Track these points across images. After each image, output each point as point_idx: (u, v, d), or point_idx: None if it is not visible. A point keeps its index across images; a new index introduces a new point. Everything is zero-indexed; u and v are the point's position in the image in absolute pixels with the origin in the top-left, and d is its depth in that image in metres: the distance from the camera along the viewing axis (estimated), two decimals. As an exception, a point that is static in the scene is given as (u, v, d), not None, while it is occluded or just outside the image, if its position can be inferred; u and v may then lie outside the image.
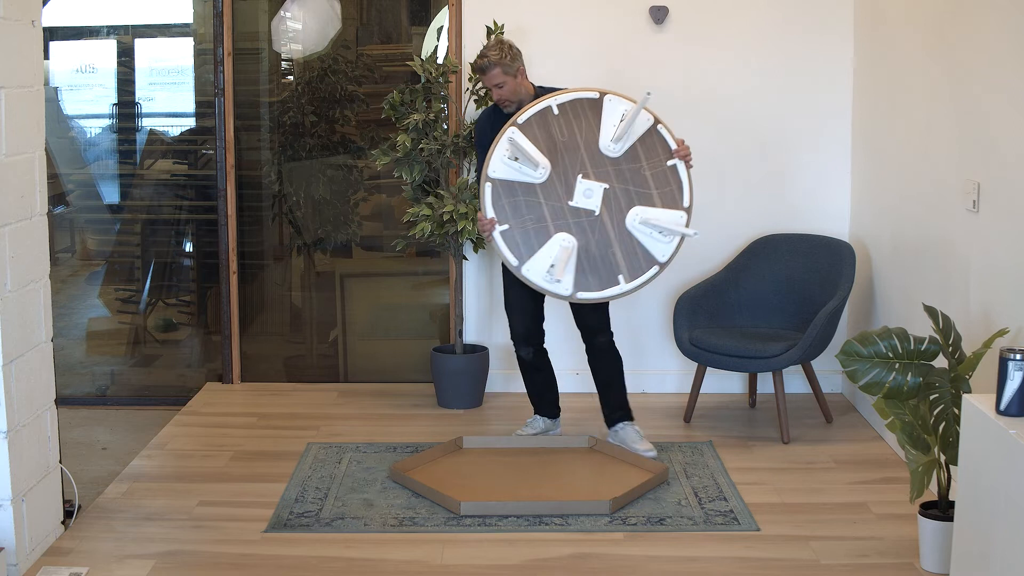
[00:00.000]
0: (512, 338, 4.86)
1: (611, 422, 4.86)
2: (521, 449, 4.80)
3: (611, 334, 4.83)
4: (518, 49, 4.67)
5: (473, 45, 5.46)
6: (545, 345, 4.91)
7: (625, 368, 4.86)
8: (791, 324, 5.28)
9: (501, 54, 4.60)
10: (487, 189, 4.48)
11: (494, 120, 4.69)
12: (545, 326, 4.88)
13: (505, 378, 5.73)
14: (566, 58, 5.60)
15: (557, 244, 4.47)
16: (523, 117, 4.49)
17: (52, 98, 6.17)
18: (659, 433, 5.08)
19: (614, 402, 4.86)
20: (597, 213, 4.47)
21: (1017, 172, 3.75)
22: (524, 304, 4.79)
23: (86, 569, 3.71)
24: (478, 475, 4.52)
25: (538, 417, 4.98)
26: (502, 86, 4.61)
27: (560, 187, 4.48)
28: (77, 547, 3.89)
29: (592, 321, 4.79)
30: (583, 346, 4.87)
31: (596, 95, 4.52)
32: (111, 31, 6.24)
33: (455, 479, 4.45)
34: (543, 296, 4.76)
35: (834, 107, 5.57)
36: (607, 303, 4.75)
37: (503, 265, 4.75)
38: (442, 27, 5.77)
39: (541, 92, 4.68)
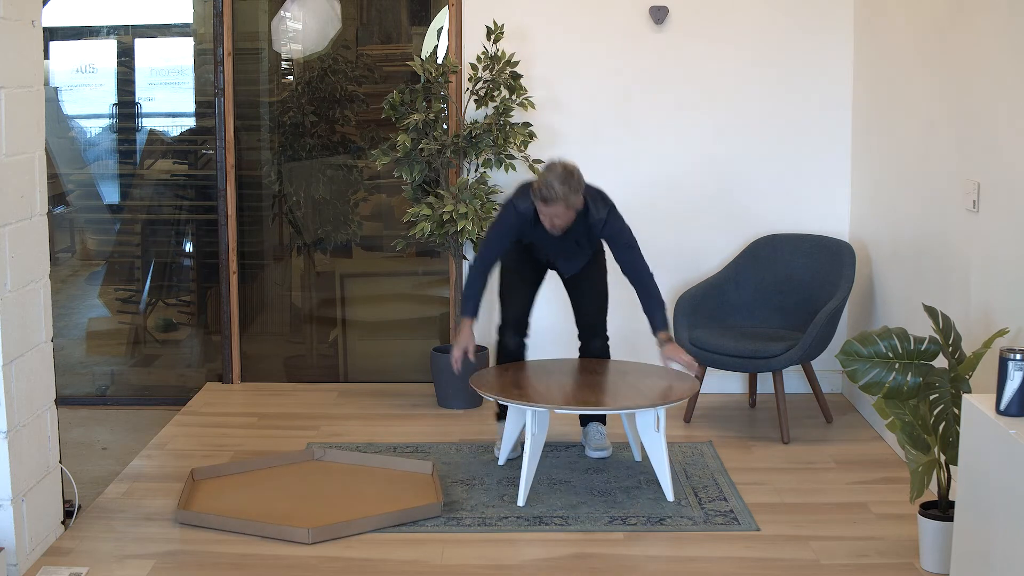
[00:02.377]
0: (501, 325, 4.74)
1: (584, 421, 4.84)
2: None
3: (607, 338, 4.82)
4: (580, 175, 4.30)
5: (473, 45, 5.46)
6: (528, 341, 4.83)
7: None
8: (791, 324, 5.28)
9: (568, 189, 4.23)
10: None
11: (525, 228, 4.44)
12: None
13: (505, 378, 5.72)
14: (566, 58, 5.60)
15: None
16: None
17: (52, 98, 6.17)
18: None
19: None
20: None
21: (1017, 172, 3.74)
22: (523, 290, 4.73)
23: (86, 569, 3.71)
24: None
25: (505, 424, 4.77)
26: (558, 216, 4.31)
27: None
28: (77, 547, 3.88)
29: (594, 320, 4.76)
30: (572, 345, 4.83)
31: None
32: (111, 31, 6.24)
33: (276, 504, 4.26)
34: (540, 285, 4.76)
35: (834, 107, 5.57)
36: (606, 303, 4.76)
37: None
38: (442, 27, 5.77)
39: (589, 197, 4.39)
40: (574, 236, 4.49)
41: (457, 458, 4.77)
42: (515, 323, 4.73)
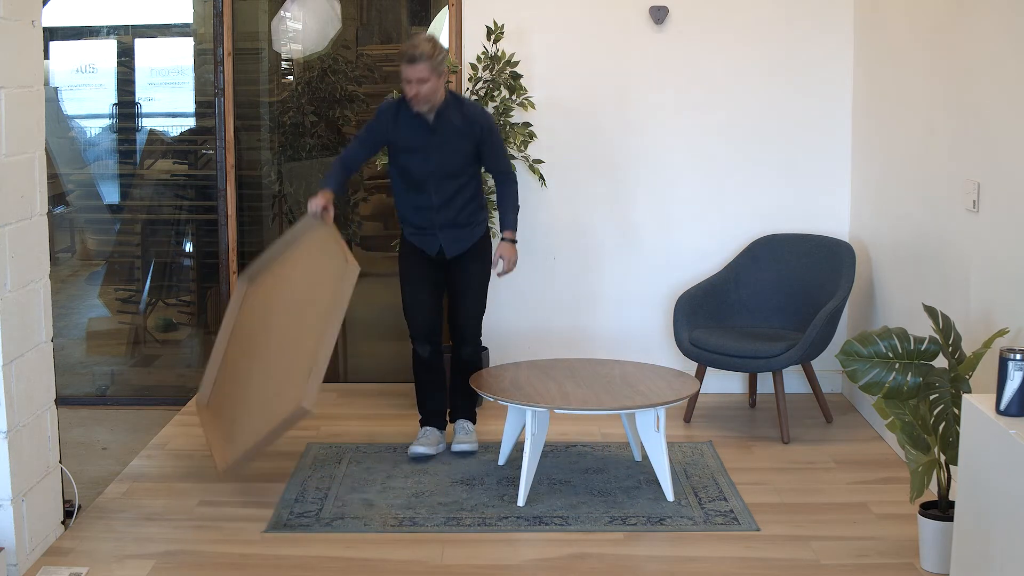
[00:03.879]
0: (411, 335, 4.74)
1: (454, 417, 4.88)
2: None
3: (480, 347, 4.84)
4: (446, 50, 4.47)
5: (473, 45, 5.46)
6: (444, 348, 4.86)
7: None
8: (791, 324, 5.28)
9: (434, 49, 4.34)
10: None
11: (396, 120, 4.51)
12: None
13: (505, 378, 5.72)
14: (566, 58, 5.60)
15: None
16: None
17: (52, 98, 6.18)
18: (659, 433, 5.09)
19: (464, 406, 4.86)
20: None
21: (1017, 172, 3.75)
22: (423, 296, 4.72)
23: (86, 569, 3.71)
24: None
25: (430, 428, 4.81)
26: (425, 82, 4.35)
27: None
28: (77, 547, 3.88)
29: (466, 323, 4.76)
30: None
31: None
32: (111, 31, 6.24)
33: None
34: (441, 292, 4.79)
35: (834, 107, 5.57)
36: (481, 310, 4.78)
37: (399, 258, 4.75)
38: (442, 27, 5.76)
39: (451, 100, 4.50)
40: (450, 137, 4.50)
41: (457, 458, 4.77)
42: (422, 332, 4.72)
